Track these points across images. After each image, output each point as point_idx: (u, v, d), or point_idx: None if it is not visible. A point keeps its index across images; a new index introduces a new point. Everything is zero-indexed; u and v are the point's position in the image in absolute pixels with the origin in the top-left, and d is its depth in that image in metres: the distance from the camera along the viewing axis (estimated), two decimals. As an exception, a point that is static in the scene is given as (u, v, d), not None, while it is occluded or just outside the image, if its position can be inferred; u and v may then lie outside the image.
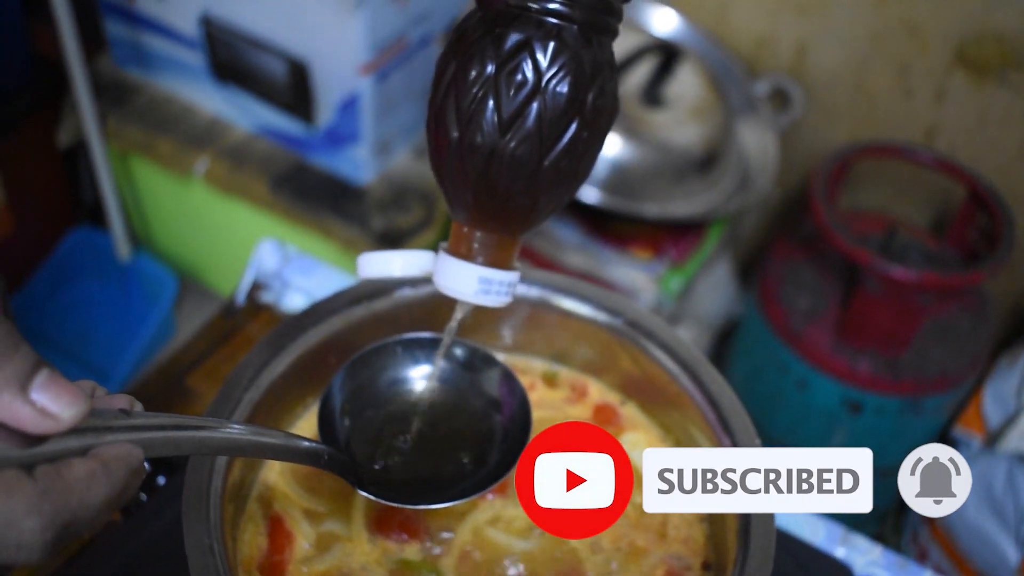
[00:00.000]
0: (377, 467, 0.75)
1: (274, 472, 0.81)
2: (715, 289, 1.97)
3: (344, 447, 0.75)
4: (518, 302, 0.87)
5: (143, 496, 0.93)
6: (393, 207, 1.82)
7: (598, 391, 0.90)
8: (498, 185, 0.64)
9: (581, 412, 0.89)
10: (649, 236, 1.82)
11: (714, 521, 0.80)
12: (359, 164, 1.83)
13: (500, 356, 0.92)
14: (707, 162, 1.77)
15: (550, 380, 0.91)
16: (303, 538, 0.78)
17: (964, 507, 1.75)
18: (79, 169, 2.14)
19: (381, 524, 0.79)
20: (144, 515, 0.92)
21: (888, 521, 2.03)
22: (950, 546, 1.76)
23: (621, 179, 1.71)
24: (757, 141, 1.90)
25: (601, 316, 0.86)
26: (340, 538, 0.78)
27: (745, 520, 0.72)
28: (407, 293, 0.85)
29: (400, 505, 0.72)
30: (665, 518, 0.82)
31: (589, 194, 1.69)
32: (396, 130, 1.85)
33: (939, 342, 1.76)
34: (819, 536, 1.02)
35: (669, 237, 1.82)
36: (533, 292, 0.87)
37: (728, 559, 0.74)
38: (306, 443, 0.69)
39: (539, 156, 0.63)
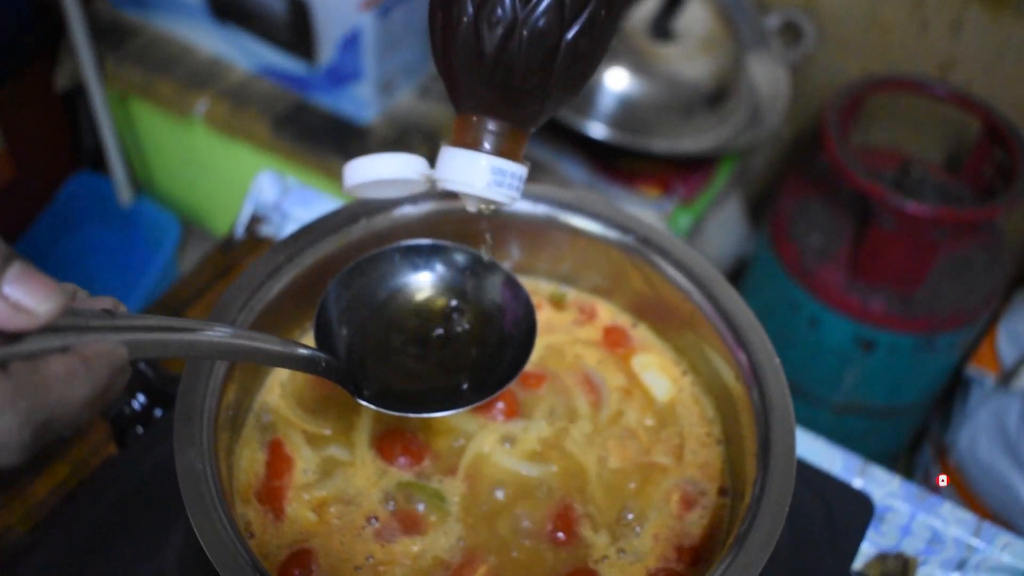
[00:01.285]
0: (377, 375, 0.72)
1: (274, 394, 0.79)
2: (725, 227, 1.94)
3: (342, 356, 0.72)
4: (523, 220, 0.84)
5: (140, 429, 0.90)
6: (397, 146, 1.79)
7: (608, 313, 0.87)
8: (516, 62, 0.62)
9: (590, 334, 0.86)
10: (657, 173, 1.79)
11: (732, 444, 0.78)
12: (362, 103, 1.80)
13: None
14: (717, 97, 1.74)
15: (557, 302, 0.88)
16: (303, 463, 0.75)
17: (977, 446, 1.73)
18: (79, 114, 2.10)
19: (384, 447, 0.76)
20: (140, 448, 0.89)
21: (900, 460, 2.01)
22: (962, 485, 1.74)
23: (629, 114, 1.68)
24: (768, 76, 1.86)
25: (611, 233, 0.83)
26: (342, 463, 0.76)
27: (765, 442, 0.69)
28: (407, 210, 0.82)
29: (401, 414, 0.69)
30: (682, 440, 0.79)
31: (596, 129, 1.66)
32: (399, 68, 1.81)
33: (953, 279, 1.73)
34: (836, 467, 0.99)
35: (678, 174, 1.79)
36: (539, 209, 0.84)
37: (746, 485, 0.71)
38: (303, 349, 0.66)
39: (560, 29, 0.61)
